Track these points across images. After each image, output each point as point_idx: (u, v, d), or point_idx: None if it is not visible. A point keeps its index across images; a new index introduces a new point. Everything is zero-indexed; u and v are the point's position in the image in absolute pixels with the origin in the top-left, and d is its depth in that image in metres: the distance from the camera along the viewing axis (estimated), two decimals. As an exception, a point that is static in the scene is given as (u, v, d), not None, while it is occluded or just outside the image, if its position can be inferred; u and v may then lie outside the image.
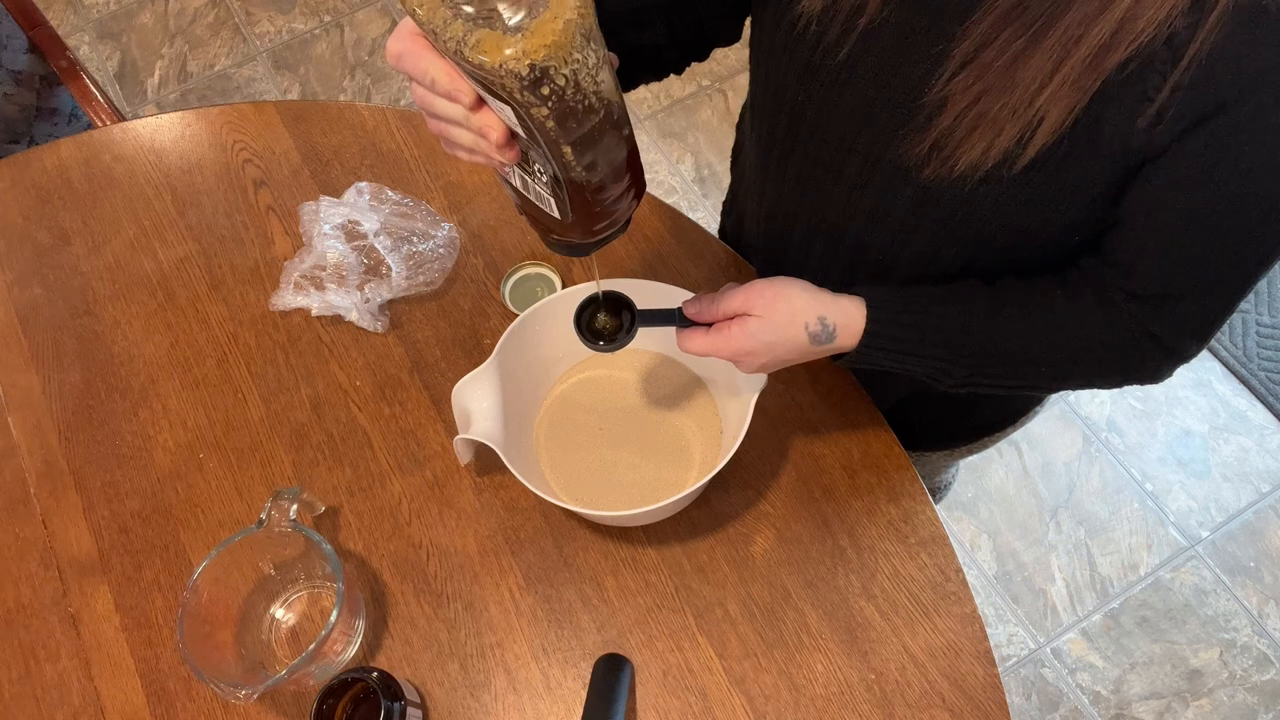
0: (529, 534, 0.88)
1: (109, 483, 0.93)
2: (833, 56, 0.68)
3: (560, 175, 0.62)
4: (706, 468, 0.86)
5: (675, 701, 0.81)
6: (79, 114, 1.53)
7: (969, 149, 0.62)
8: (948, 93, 0.62)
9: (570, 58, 0.52)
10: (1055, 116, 0.58)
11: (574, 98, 0.54)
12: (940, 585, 0.85)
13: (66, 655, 0.86)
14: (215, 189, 1.08)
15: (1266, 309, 1.98)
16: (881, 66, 0.66)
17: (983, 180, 0.64)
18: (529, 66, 0.51)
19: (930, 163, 0.65)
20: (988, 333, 0.72)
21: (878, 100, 0.67)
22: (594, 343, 0.75)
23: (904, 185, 0.69)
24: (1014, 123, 0.60)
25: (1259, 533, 1.78)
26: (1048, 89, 0.57)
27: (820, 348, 0.73)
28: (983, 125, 0.61)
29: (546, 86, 0.53)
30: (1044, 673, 1.68)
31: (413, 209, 1.01)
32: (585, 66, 0.53)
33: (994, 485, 1.84)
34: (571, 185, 0.63)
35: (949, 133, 0.63)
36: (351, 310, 0.97)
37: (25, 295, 1.03)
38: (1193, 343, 0.71)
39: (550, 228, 0.70)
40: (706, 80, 2.31)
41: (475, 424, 0.81)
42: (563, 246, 0.70)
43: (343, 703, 0.77)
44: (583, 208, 0.65)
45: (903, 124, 0.66)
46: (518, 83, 0.52)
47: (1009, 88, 0.58)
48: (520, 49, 0.50)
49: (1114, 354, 0.73)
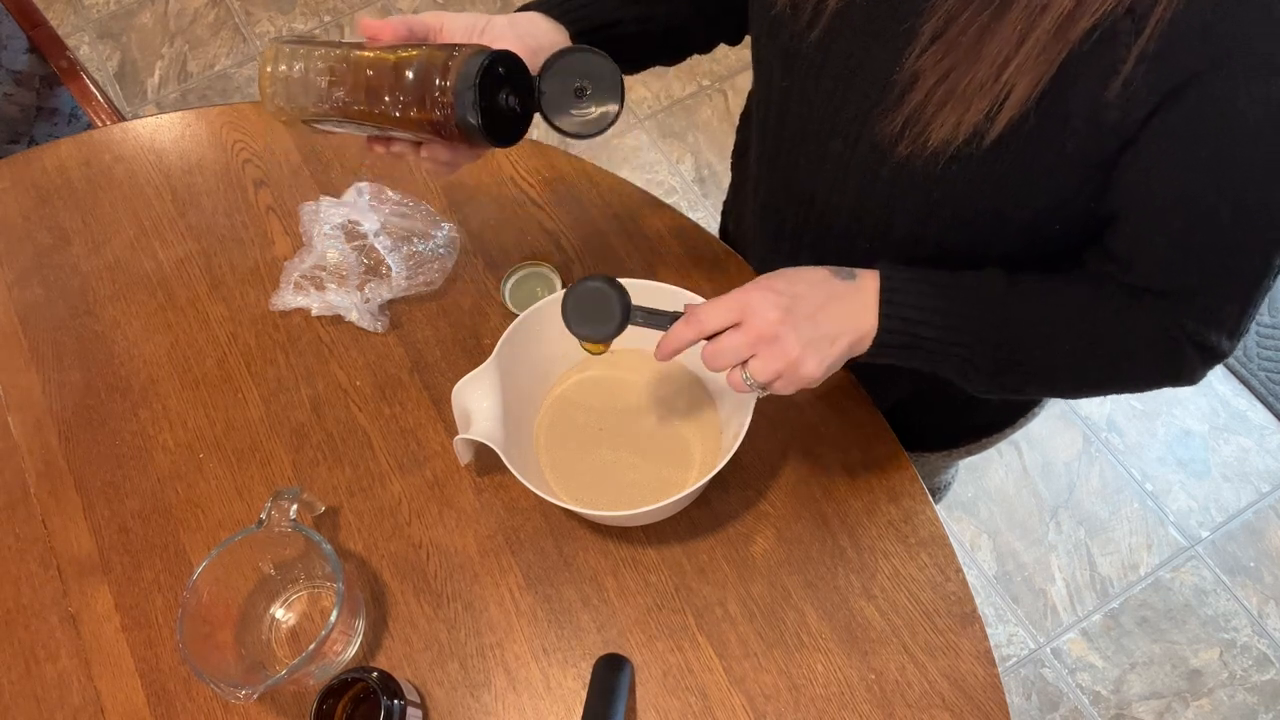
0: (529, 534, 0.88)
1: (109, 483, 0.93)
2: (807, 39, 0.69)
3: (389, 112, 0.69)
4: (706, 468, 0.86)
5: (675, 701, 0.81)
6: (79, 114, 1.53)
7: (940, 124, 0.63)
8: (918, 69, 0.63)
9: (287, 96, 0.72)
10: (1023, 89, 0.59)
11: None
12: (940, 585, 0.85)
13: (66, 655, 0.86)
14: (215, 189, 1.08)
15: (1266, 309, 1.98)
16: (854, 47, 0.67)
17: (954, 157, 0.64)
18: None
19: (904, 139, 0.66)
20: (1009, 321, 0.70)
21: (853, 80, 0.68)
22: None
23: (881, 165, 0.70)
24: (982, 96, 0.60)
25: (1259, 533, 1.78)
26: (1014, 61, 0.58)
27: (844, 284, 0.69)
28: (953, 100, 0.61)
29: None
30: (1044, 673, 1.68)
31: (413, 209, 1.01)
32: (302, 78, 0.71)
33: (994, 485, 1.84)
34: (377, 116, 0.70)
35: (921, 108, 0.64)
36: (351, 310, 0.97)
37: (25, 295, 1.03)
38: (1220, 336, 0.68)
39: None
40: (706, 80, 2.31)
41: (475, 424, 0.81)
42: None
43: (343, 703, 0.77)
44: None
45: (877, 103, 0.67)
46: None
47: (977, 61, 0.59)
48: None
49: (1143, 354, 0.70)
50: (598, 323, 0.70)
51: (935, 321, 0.70)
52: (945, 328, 0.70)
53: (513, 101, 0.67)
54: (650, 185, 2.17)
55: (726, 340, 0.68)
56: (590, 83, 0.69)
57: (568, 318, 0.70)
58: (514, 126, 0.69)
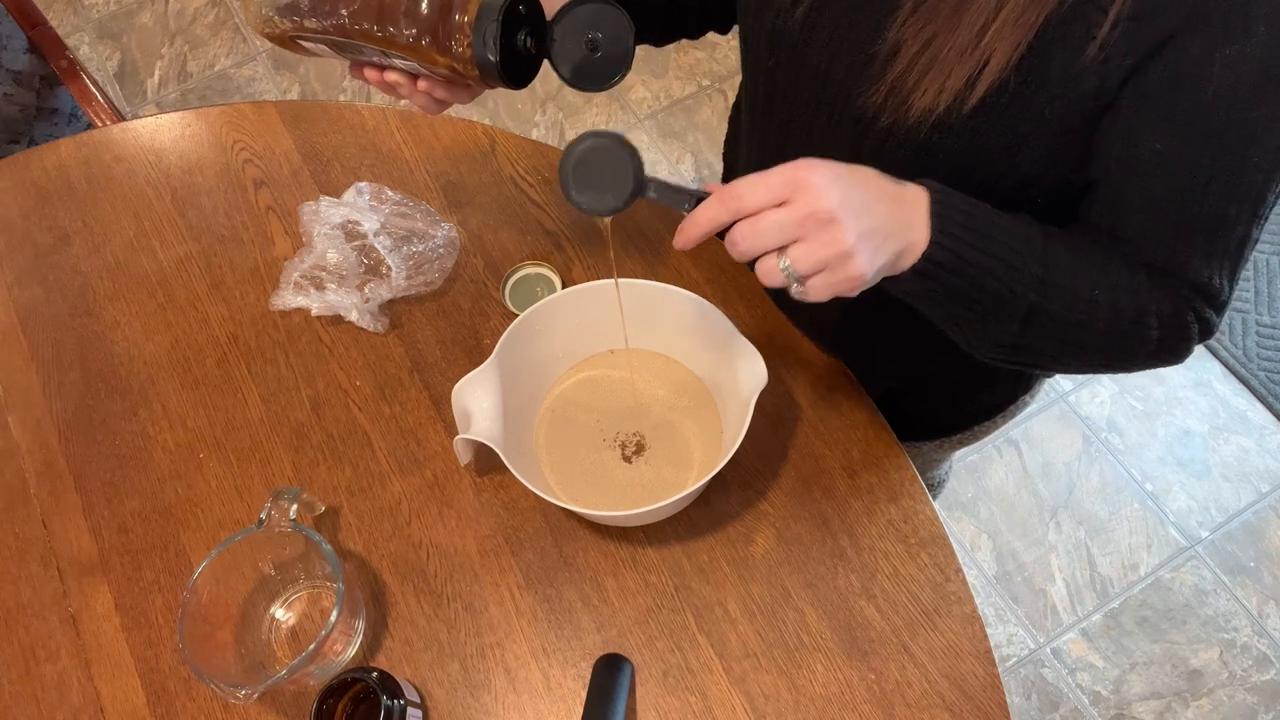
0: (529, 534, 0.88)
1: (109, 483, 0.93)
2: (791, 18, 0.71)
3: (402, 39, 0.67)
4: (706, 468, 0.86)
5: (675, 701, 0.81)
6: (79, 114, 1.53)
7: (921, 92, 0.64)
8: (900, 38, 0.64)
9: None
10: (1001, 54, 0.60)
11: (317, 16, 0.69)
12: (940, 585, 0.85)
13: (66, 655, 0.86)
14: (215, 189, 1.08)
15: (1266, 309, 1.97)
16: (837, 22, 0.69)
17: (936, 125, 0.65)
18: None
19: (886, 110, 0.67)
20: (1049, 245, 0.65)
21: (838, 55, 0.69)
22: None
23: (865, 138, 0.70)
24: (963, 63, 0.61)
25: (1259, 533, 1.78)
26: (993, 25, 0.59)
27: (896, 187, 0.61)
28: (934, 67, 0.62)
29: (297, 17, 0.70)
30: (1044, 673, 1.68)
31: (413, 209, 1.01)
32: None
33: (994, 485, 1.84)
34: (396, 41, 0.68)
35: (902, 78, 0.65)
36: (351, 310, 0.97)
37: (25, 295, 1.03)
38: (1214, 313, 0.67)
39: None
40: (706, 80, 2.31)
41: (475, 424, 0.81)
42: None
43: (343, 703, 0.77)
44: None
45: (859, 75, 0.68)
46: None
47: (957, 27, 0.60)
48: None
49: (1161, 323, 0.66)
50: (604, 190, 0.60)
51: (981, 246, 0.62)
52: (991, 254, 0.63)
53: (529, 43, 0.64)
54: (650, 185, 2.16)
55: (771, 216, 0.57)
56: (603, 36, 0.67)
57: (566, 181, 0.60)
58: (526, 68, 0.66)
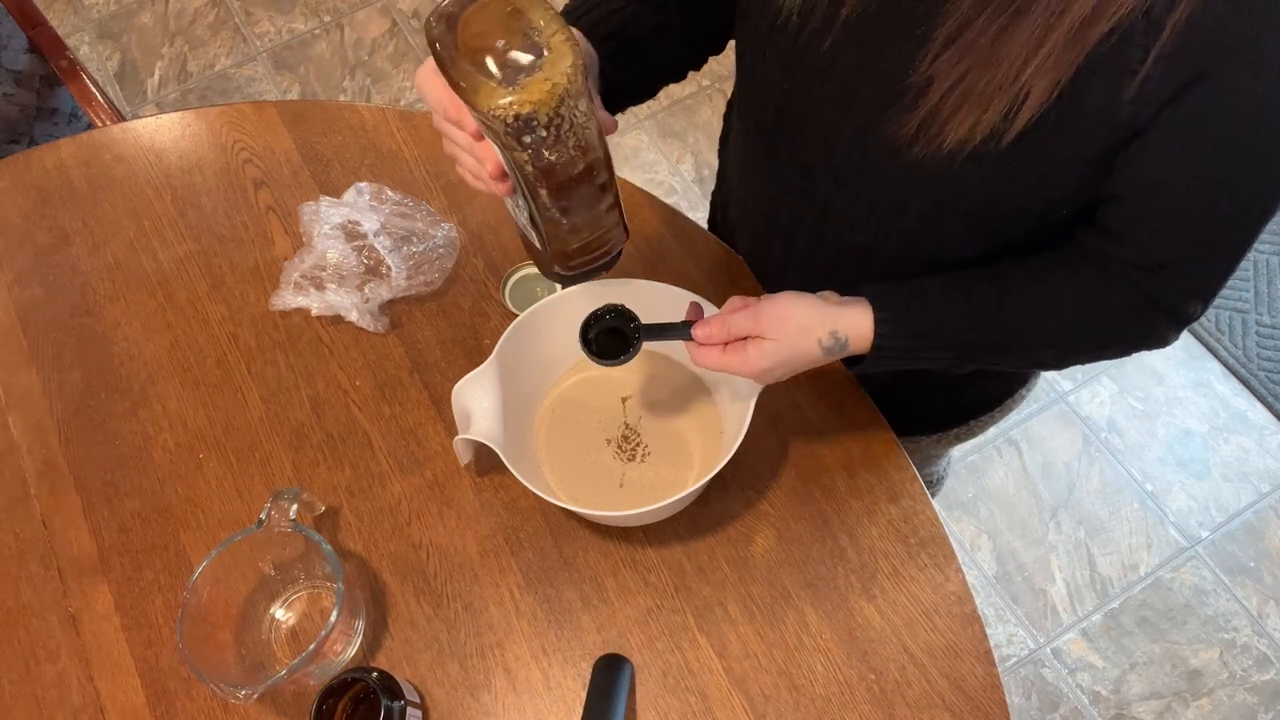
0: (529, 534, 0.88)
1: (109, 483, 0.93)
2: (817, 45, 0.70)
3: (536, 215, 0.67)
4: (706, 468, 0.86)
5: (675, 701, 0.81)
6: (79, 114, 1.53)
7: (956, 125, 0.63)
8: (933, 72, 0.63)
9: (554, 115, 0.58)
10: (1041, 90, 0.60)
11: (553, 150, 0.60)
12: (940, 585, 0.85)
13: (66, 655, 0.86)
14: (215, 189, 1.08)
15: (1266, 309, 1.98)
16: (865, 52, 0.67)
17: (970, 157, 0.65)
18: (514, 117, 0.57)
19: (919, 141, 0.66)
20: (996, 326, 0.74)
21: (863, 84, 0.69)
22: (600, 358, 0.78)
23: (892, 166, 0.70)
24: (1000, 98, 0.61)
25: (1259, 533, 1.78)
26: (1032, 63, 0.59)
27: (834, 357, 0.75)
28: (969, 101, 0.62)
29: (528, 136, 0.58)
30: (1044, 673, 1.68)
31: (413, 209, 1.01)
32: (568, 123, 0.59)
33: (994, 485, 1.84)
34: (547, 224, 0.68)
35: (936, 110, 0.64)
36: (351, 310, 0.97)
37: (25, 295, 1.03)
38: (1198, 304, 0.72)
39: (534, 255, 0.77)
40: (706, 80, 2.31)
41: (475, 424, 0.81)
42: (547, 273, 0.77)
43: (343, 703, 0.77)
44: (558, 246, 0.70)
45: (889, 105, 0.67)
46: (503, 128, 0.58)
47: (994, 63, 0.60)
48: (508, 101, 0.56)
49: (1121, 326, 0.74)
50: (618, 354, 0.78)
51: (920, 365, 0.76)
52: (930, 360, 0.75)
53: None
54: (650, 185, 2.17)
55: (714, 360, 0.76)
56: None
57: (591, 356, 0.78)
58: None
